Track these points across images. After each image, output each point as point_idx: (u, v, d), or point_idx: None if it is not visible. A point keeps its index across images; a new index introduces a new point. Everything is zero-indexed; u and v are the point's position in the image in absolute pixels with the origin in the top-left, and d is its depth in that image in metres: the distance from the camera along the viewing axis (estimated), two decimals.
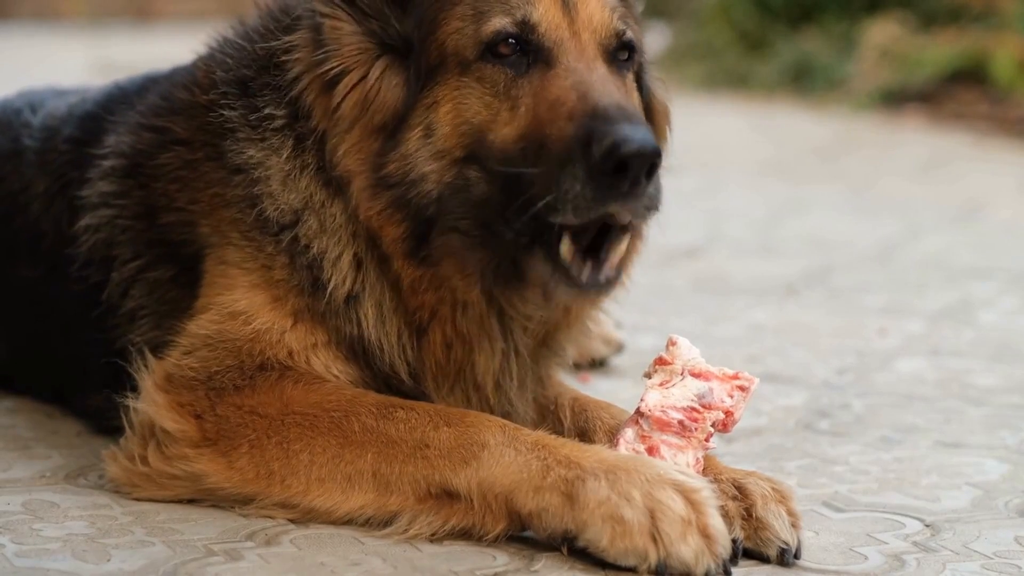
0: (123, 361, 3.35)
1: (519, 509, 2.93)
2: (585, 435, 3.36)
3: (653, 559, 2.80)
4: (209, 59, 3.51)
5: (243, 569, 2.86)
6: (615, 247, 3.05)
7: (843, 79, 13.18)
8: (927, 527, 3.25)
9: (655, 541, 2.80)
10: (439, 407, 3.15)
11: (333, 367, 3.26)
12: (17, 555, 2.90)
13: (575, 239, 3.02)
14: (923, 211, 8.26)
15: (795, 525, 3.01)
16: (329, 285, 3.23)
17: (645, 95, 3.40)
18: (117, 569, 2.84)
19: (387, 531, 3.02)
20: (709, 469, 3.08)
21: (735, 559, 2.92)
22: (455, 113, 3.12)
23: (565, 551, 2.92)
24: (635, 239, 3.36)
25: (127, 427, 3.24)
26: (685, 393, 3.05)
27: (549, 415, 3.45)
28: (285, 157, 3.27)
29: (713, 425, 3.05)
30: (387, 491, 3.03)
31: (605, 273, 3.04)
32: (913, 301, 5.89)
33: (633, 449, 3.03)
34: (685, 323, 5.36)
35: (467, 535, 2.99)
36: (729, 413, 3.05)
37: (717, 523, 2.84)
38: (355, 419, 3.09)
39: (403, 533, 3.01)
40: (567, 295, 3.12)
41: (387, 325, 3.25)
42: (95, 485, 3.32)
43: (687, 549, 2.79)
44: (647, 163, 2.93)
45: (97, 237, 3.52)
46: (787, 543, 2.97)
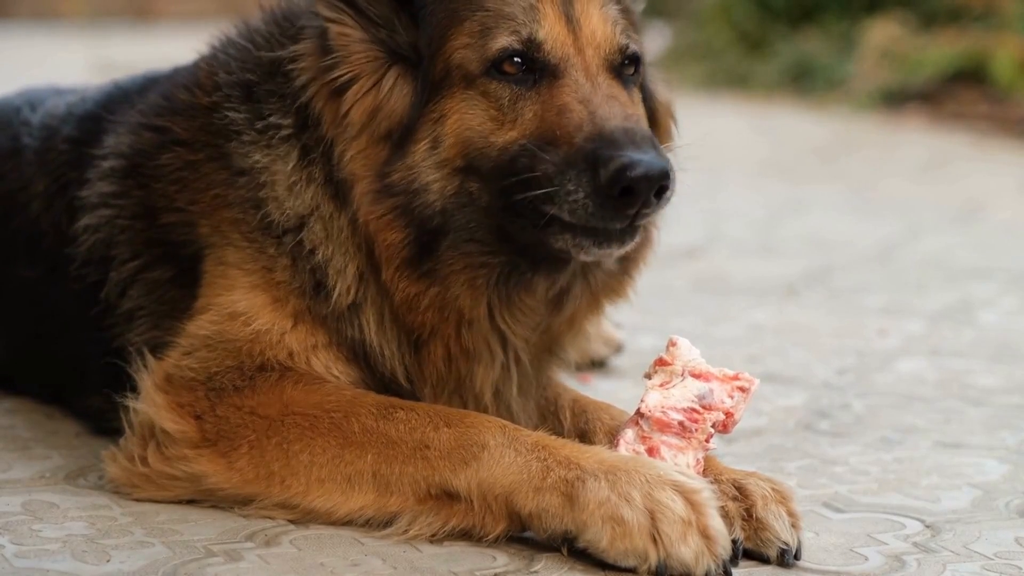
0: (121, 361, 3.35)
1: (519, 510, 2.92)
2: (585, 436, 3.36)
3: (653, 560, 2.80)
4: (212, 60, 3.50)
5: (243, 570, 2.86)
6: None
7: (843, 79, 13.18)
8: (927, 528, 3.25)
9: (655, 542, 2.80)
10: (439, 408, 3.15)
11: (334, 368, 3.26)
12: (17, 556, 2.90)
13: None
14: (923, 211, 8.25)
15: (795, 526, 3.01)
16: (334, 292, 3.23)
17: (648, 100, 3.40)
18: (117, 570, 2.84)
19: (387, 532, 3.02)
20: (709, 470, 3.08)
21: (735, 560, 2.92)
22: (460, 124, 3.13)
23: (565, 552, 2.92)
24: (644, 247, 3.36)
25: (127, 428, 3.24)
26: (685, 394, 3.05)
27: (549, 416, 3.45)
28: (292, 167, 3.26)
29: (713, 426, 3.05)
30: (387, 492, 3.03)
31: (627, 220, 3.02)
32: (913, 301, 5.89)
33: (633, 450, 3.03)
34: (685, 323, 5.36)
35: (467, 536, 2.99)
36: (729, 414, 3.05)
37: (717, 524, 2.84)
38: (355, 420, 3.09)
39: (403, 534, 3.01)
40: (594, 252, 3.08)
41: (388, 333, 3.25)
42: (95, 486, 3.32)
43: (687, 550, 2.79)
44: (655, 186, 2.95)
45: (96, 237, 3.52)
46: (787, 544, 2.97)
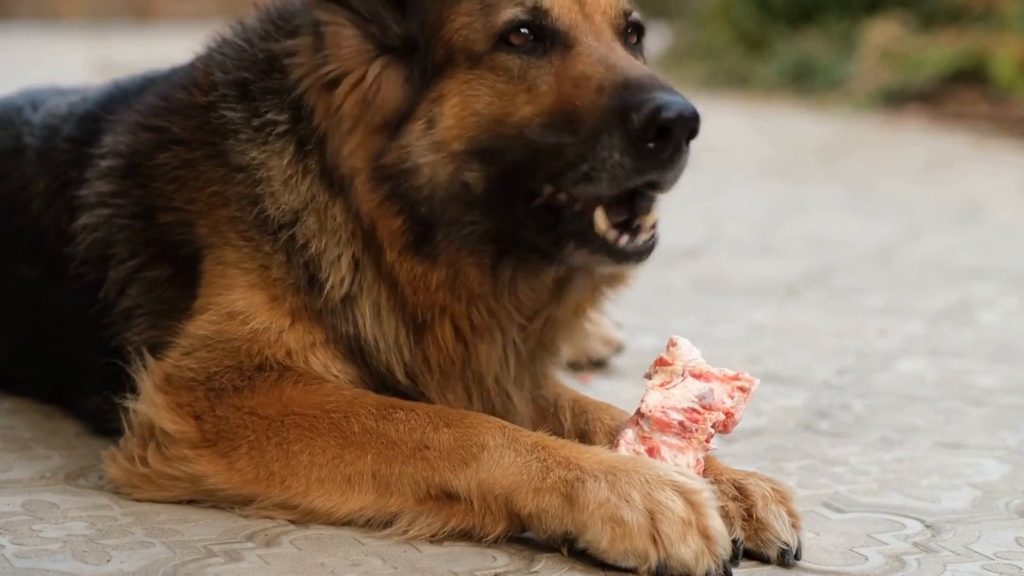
0: (119, 361, 3.35)
1: (519, 510, 2.92)
2: (585, 436, 3.36)
3: (653, 560, 2.80)
4: (207, 59, 3.51)
5: (243, 570, 2.86)
6: (646, 213, 3.05)
7: (843, 79, 13.17)
8: (927, 528, 3.25)
9: (655, 542, 2.80)
10: (439, 408, 3.15)
11: (332, 366, 3.26)
12: (17, 556, 2.90)
13: (607, 212, 3.02)
14: (923, 211, 8.25)
15: (795, 526, 3.01)
16: (326, 285, 3.23)
17: None
18: (117, 570, 2.84)
19: (387, 532, 3.02)
20: (709, 470, 3.08)
21: (735, 560, 2.92)
22: (462, 105, 3.10)
23: (565, 552, 2.92)
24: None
25: (126, 428, 3.24)
26: (686, 394, 3.05)
27: (549, 416, 3.44)
28: (287, 161, 3.27)
29: (714, 426, 3.05)
30: (387, 492, 3.03)
31: (643, 237, 3.04)
32: (913, 301, 5.89)
33: (633, 450, 3.03)
34: (685, 323, 5.36)
35: (467, 536, 2.99)
36: (729, 414, 3.05)
37: (717, 524, 2.84)
38: (355, 420, 3.08)
39: (403, 534, 3.01)
40: (611, 268, 3.15)
41: (384, 325, 3.24)
42: (95, 486, 3.31)
43: (687, 550, 2.79)
44: (688, 127, 2.93)
45: (95, 236, 3.52)
46: (787, 544, 2.97)
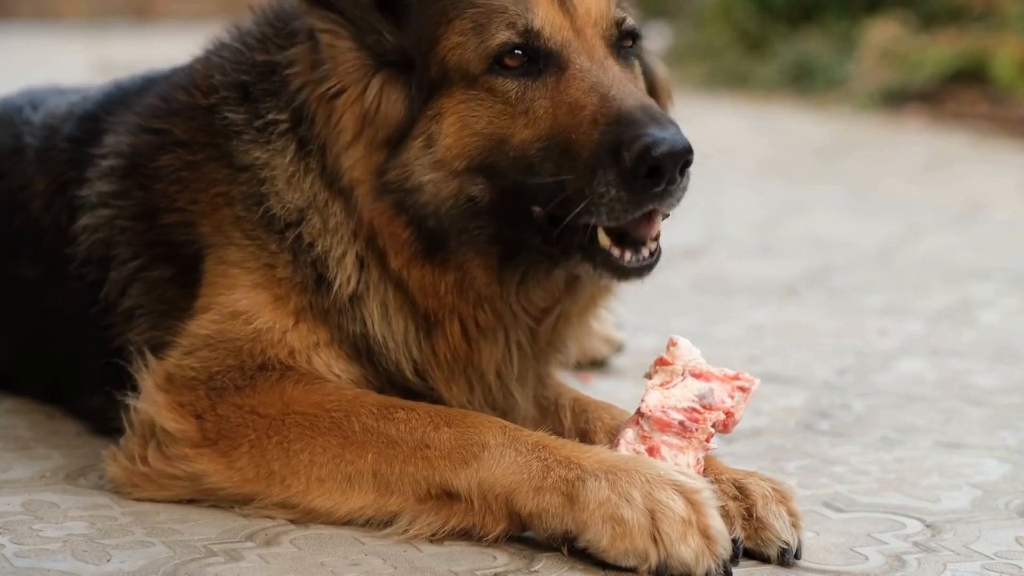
0: (121, 360, 3.36)
1: (519, 510, 2.93)
2: (586, 436, 3.36)
3: (653, 560, 2.80)
4: (206, 62, 3.52)
5: (243, 569, 2.86)
6: (651, 227, 3.08)
7: (843, 79, 13.16)
8: (927, 527, 3.25)
9: (655, 542, 2.80)
10: (439, 407, 3.15)
11: (335, 367, 3.26)
12: (17, 555, 2.90)
13: (608, 230, 3.05)
14: (923, 211, 8.25)
15: (796, 525, 3.01)
16: (335, 283, 3.23)
17: (647, 74, 3.40)
18: (117, 569, 2.84)
19: (387, 531, 3.02)
20: (710, 469, 3.08)
21: (736, 559, 2.92)
22: (461, 125, 3.12)
23: (565, 552, 2.92)
24: None
25: (127, 427, 3.24)
26: (686, 394, 3.05)
27: (550, 416, 3.45)
28: (289, 159, 3.28)
29: (714, 426, 3.05)
30: (387, 491, 3.03)
31: (646, 251, 3.08)
32: (913, 301, 5.89)
33: (634, 450, 3.03)
34: (685, 323, 5.36)
35: (467, 535, 2.99)
36: (730, 414, 3.05)
37: (717, 523, 2.84)
38: (356, 419, 3.09)
39: (403, 533, 3.01)
40: (614, 282, 3.23)
41: (392, 323, 3.25)
42: (95, 485, 3.32)
43: (687, 550, 2.80)
44: (680, 161, 2.96)
45: (96, 237, 3.52)
46: (788, 543, 2.97)
